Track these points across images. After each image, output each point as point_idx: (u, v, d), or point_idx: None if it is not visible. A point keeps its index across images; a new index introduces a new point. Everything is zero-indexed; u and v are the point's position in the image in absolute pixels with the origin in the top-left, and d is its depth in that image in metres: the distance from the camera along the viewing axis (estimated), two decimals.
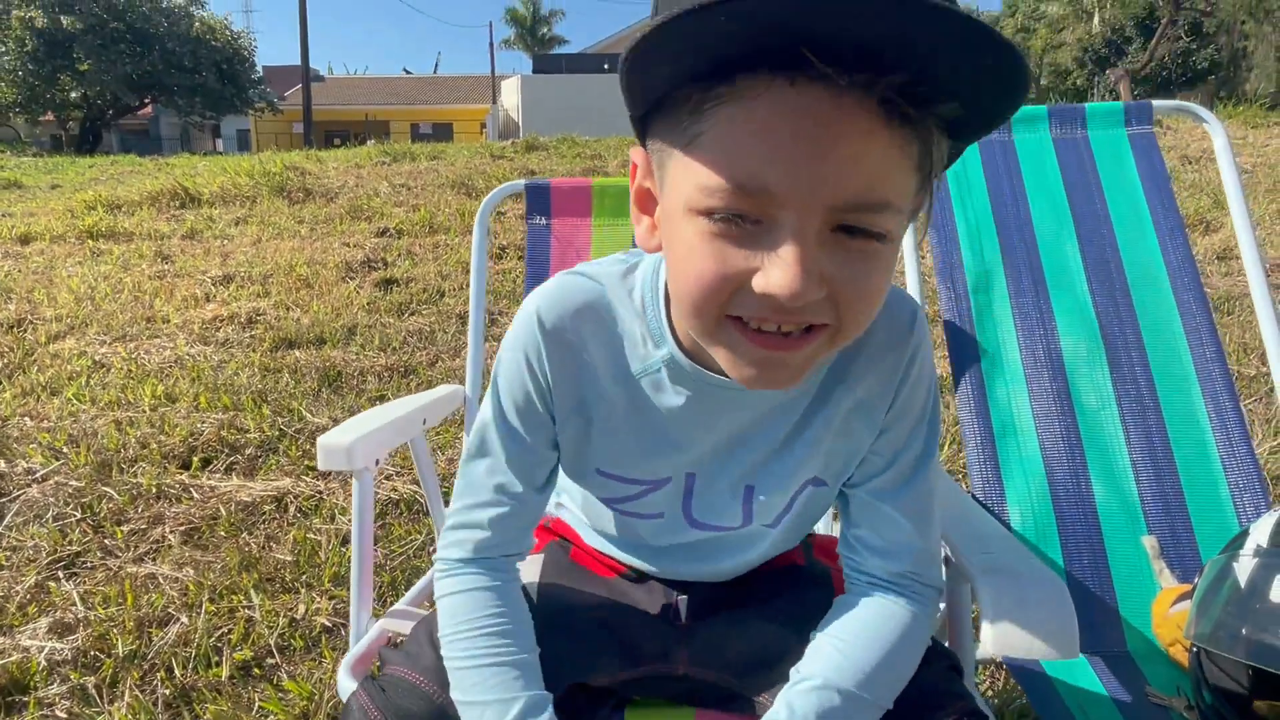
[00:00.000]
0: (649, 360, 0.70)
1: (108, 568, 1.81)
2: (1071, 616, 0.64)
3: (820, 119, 0.49)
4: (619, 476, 0.75)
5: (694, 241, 0.54)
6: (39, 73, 22.43)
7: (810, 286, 0.51)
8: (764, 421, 0.71)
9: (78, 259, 5.36)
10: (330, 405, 2.76)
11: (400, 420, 1.10)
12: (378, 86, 37.66)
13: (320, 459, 0.96)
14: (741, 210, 0.52)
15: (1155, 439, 1.18)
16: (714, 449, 0.72)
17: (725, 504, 0.74)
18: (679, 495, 0.75)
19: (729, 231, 0.53)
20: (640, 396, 0.71)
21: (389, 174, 8.24)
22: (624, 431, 0.72)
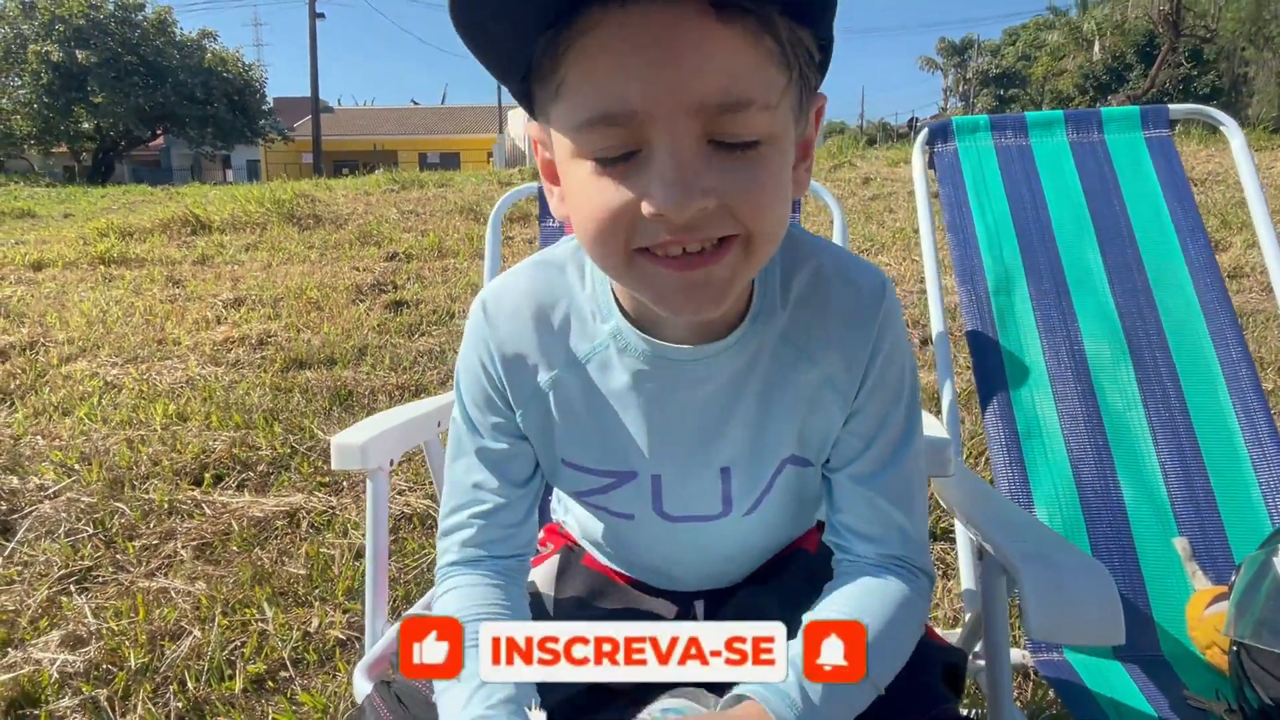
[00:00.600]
0: (597, 338, 0.69)
1: (119, 582, 1.79)
2: (1116, 601, 0.63)
3: (660, 30, 0.50)
4: (585, 467, 0.73)
5: (584, 184, 0.55)
6: (54, 105, 22.81)
7: (691, 196, 0.51)
8: (723, 397, 0.68)
9: (90, 284, 5.40)
10: (342, 423, 2.76)
11: (414, 421, 1.09)
12: (386, 117, 38.15)
13: (334, 458, 0.95)
14: (616, 142, 0.52)
15: (1183, 440, 1.17)
16: (679, 437, 0.70)
17: (701, 491, 0.72)
18: (646, 493, 0.73)
19: (612, 168, 0.53)
20: (592, 376, 0.69)
21: (398, 201, 8.32)
22: (583, 415, 0.71)
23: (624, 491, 0.73)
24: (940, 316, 1.33)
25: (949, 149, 1.42)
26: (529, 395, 0.71)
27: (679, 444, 0.70)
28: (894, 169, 8.65)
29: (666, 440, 0.70)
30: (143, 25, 24.20)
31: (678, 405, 0.69)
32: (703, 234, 0.53)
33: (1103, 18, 29.22)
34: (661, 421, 0.69)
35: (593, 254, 0.58)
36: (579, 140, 0.54)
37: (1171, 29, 19.53)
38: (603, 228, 0.55)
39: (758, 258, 0.57)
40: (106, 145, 25.30)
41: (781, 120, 0.55)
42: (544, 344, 0.70)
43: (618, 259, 0.56)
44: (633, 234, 0.54)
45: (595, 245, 0.56)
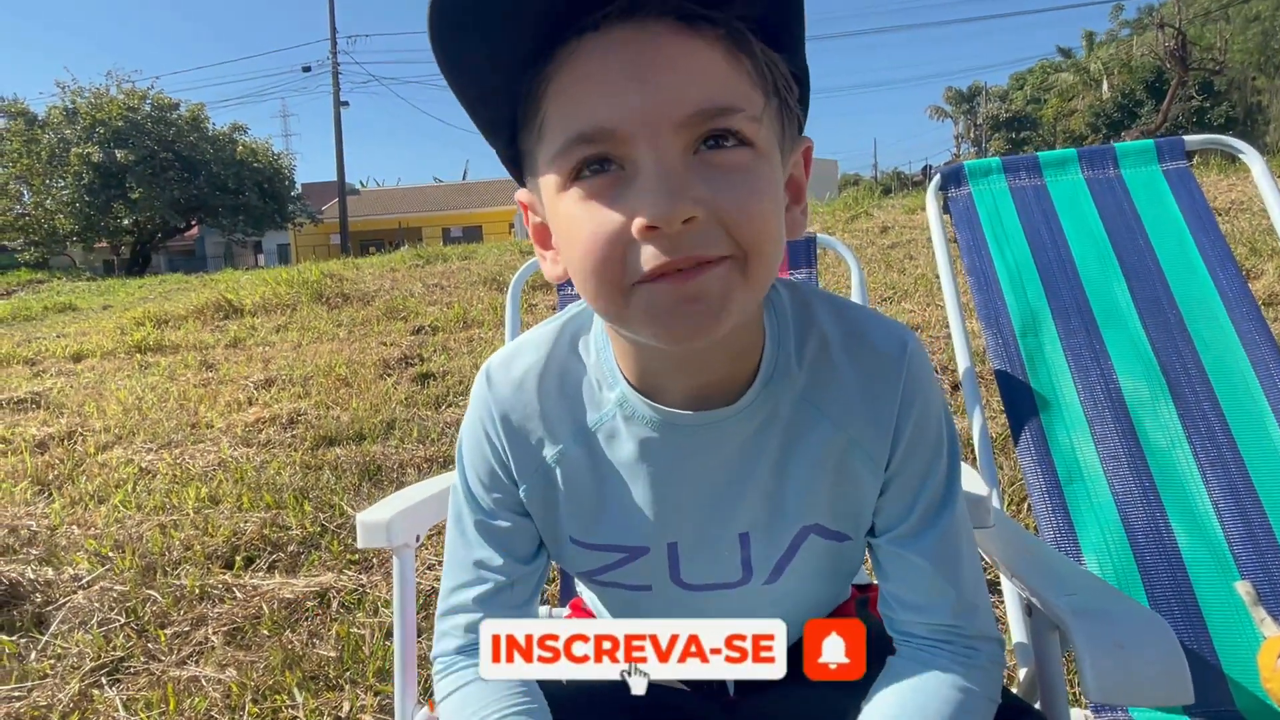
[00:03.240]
0: (604, 407, 0.66)
1: (150, 672, 1.77)
2: (1180, 656, 0.58)
3: (636, 50, 0.50)
4: (594, 544, 0.69)
5: (572, 215, 0.54)
6: (94, 203, 23.78)
7: (680, 202, 0.49)
8: (736, 464, 0.65)
9: (126, 372, 5.52)
10: (371, 499, 2.75)
11: (440, 495, 1.07)
12: (410, 196, 39.26)
13: (360, 536, 0.94)
14: (596, 155, 0.52)
15: (1235, 477, 1.12)
16: (694, 506, 0.67)
17: (719, 557, 0.68)
18: (663, 564, 0.69)
19: (596, 188, 0.52)
20: (600, 447, 0.67)
21: (423, 275, 8.48)
22: (591, 490, 0.67)
23: (637, 565, 0.70)
24: (968, 361, 1.30)
25: (963, 193, 1.41)
26: (533, 470, 0.68)
27: (693, 512, 0.67)
28: (911, 216, 8.67)
29: (680, 510, 0.67)
30: (177, 123, 25.32)
31: (689, 473, 0.66)
32: (696, 251, 0.51)
33: (1109, 57, 29.51)
34: (673, 491, 0.66)
35: (590, 292, 0.55)
36: (561, 164, 0.53)
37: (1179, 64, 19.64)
38: (597, 256, 0.52)
39: (754, 280, 0.54)
40: (144, 238, 26.24)
41: (765, 138, 0.54)
42: (549, 415, 0.67)
43: (616, 291, 0.53)
44: (627, 262, 0.52)
45: (592, 279, 0.54)
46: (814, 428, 0.65)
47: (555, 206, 0.56)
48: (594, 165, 0.52)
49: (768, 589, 0.69)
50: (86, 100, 24.39)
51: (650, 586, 0.71)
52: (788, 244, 0.84)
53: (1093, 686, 0.58)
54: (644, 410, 0.64)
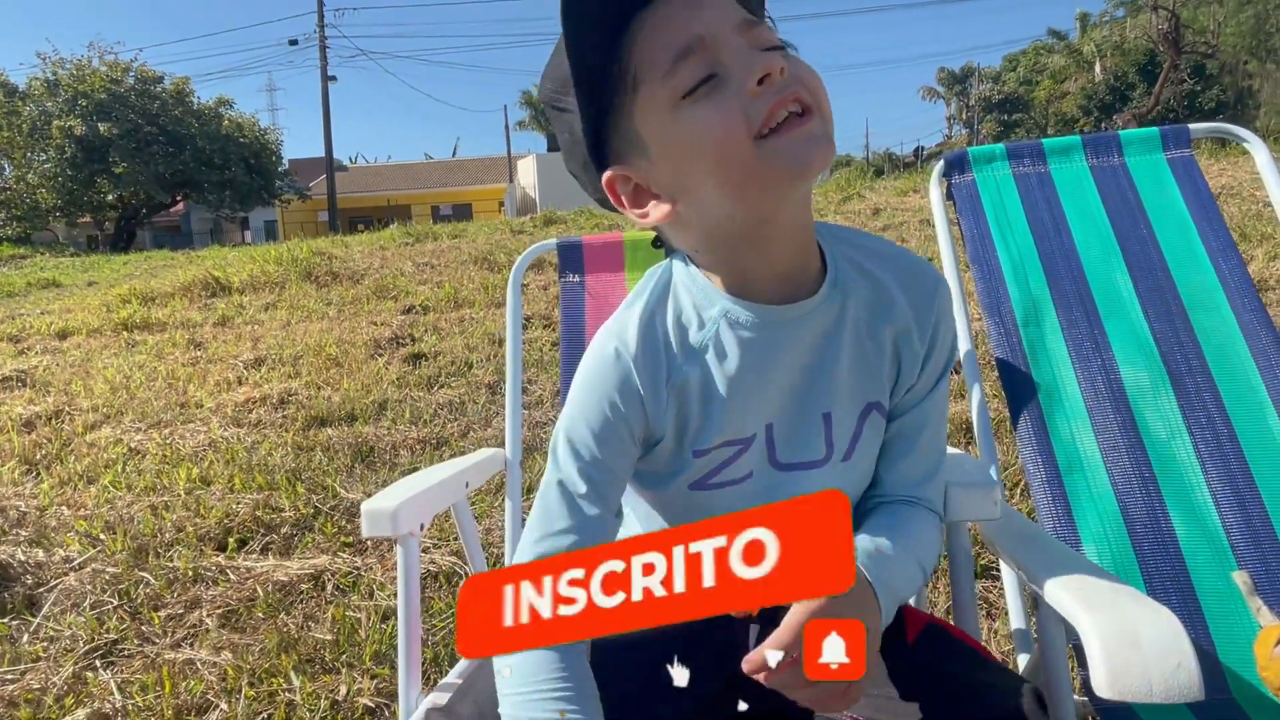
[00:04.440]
0: (708, 324, 0.77)
1: (145, 655, 1.77)
2: (1191, 654, 0.59)
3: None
4: (713, 445, 0.78)
5: (691, 115, 0.66)
6: (77, 178, 23.42)
7: (775, 59, 0.65)
8: (821, 347, 0.77)
9: (113, 350, 5.47)
10: (364, 480, 2.74)
11: (444, 484, 1.07)
12: (399, 173, 38.88)
13: (365, 525, 0.93)
14: (702, 70, 0.66)
15: (1234, 467, 1.12)
16: (787, 388, 0.77)
17: (809, 437, 0.78)
18: (764, 448, 0.79)
19: (706, 91, 0.66)
20: (710, 361, 0.77)
21: (413, 254, 8.42)
22: (709, 395, 0.77)
23: (745, 456, 0.79)
24: (969, 345, 1.30)
25: (966, 180, 1.40)
26: (666, 397, 0.77)
27: (787, 396, 0.78)
28: (903, 198, 8.66)
29: (777, 395, 0.77)
30: (162, 96, 24.92)
31: (785, 360, 0.76)
32: (796, 89, 0.65)
33: (1102, 39, 29.43)
34: (771, 378, 0.77)
35: (727, 166, 0.66)
36: (670, 85, 0.66)
37: (1172, 47, 19.63)
38: (728, 119, 0.65)
39: (830, 126, 0.68)
40: (129, 213, 25.91)
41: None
42: (672, 348, 0.77)
43: (749, 152, 0.65)
44: (751, 117, 0.65)
45: (727, 139, 0.65)
46: (878, 317, 0.78)
47: (669, 125, 0.68)
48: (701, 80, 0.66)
49: (844, 467, 0.79)
50: (68, 72, 23.94)
51: (752, 474, 0.79)
52: None
53: (1104, 683, 0.58)
54: (743, 313, 0.75)
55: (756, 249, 0.74)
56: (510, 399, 1.40)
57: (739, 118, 0.65)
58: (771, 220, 0.72)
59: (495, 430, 3.20)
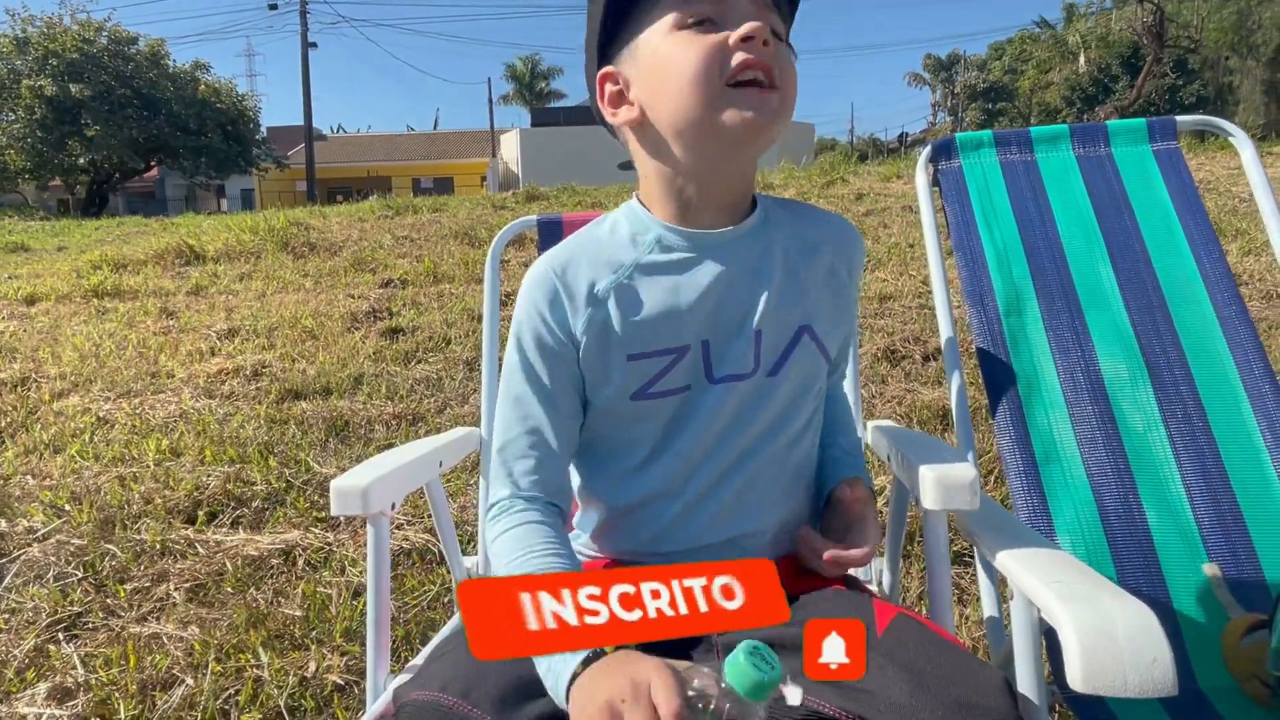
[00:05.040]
0: (642, 247, 0.86)
1: (110, 628, 1.74)
2: (1166, 648, 0.58)
3: None
4: (647, 352, 0.83)
5: (680, 43, 0.78)
6: (47, 139, 22.86)
7: (765, 27, 0.76)
8: (752, 270, 0.85)
9: (83, 318, 5.36)
10: (338, 455, 2.71)
11: (416, 462, 1.05)
12: (379, 144, 38.31)
13: (334, 503, 0.91)
14: (707, 14, 0.78)
15: (1208, 461, 1.13)
16: (719, 306, 0.84)
17: (740, 352, 0.84)
18: (700, 362, 0.84)
19: (703, 29, 0.78)
20: (644, 273, 0.84)
21: (392, 227, 8.30)
22: (640, 307, 0.83)
23: (681, 366, 0.84)
24: (950, 332, 1.30)
25: (953, 166, 1.39)
26: (589, 308, 0.83)
27: (720, 313, 0.84)
28: (886, 184, 8.66)
29: (711, 312, 0.83)
30: (136, 58, 24.32)
31: (717, 281, 0.84)
32: (770, 64, 0.77)
33: (1087, 30, 29.53)
34: (705, 297, 0.83)
35: (689, 95, 0.77)
36: (679, 15, 0.78)
37: (1156, 40, 19.72)
38: (706, 56, 0.76)
39: (786, 114, 0.79)
40: (101, 178, 25.34)
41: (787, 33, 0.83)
42: (601, 267, 0.85)
43: (715, 90, 0.76)
44: (724, 64, 0.76)
45: (699, 74, 0.76)
46: (806, 250, 0.88)
47: (661, 46, 0.79)
48: (701, 21, 0.78)
49: (770, 382, 0.85)
50: (39, 30, 23.27)
51: (689, 386, 0.85)
52: None
53: (1079, 677, 0.58)
54: (676, 239, 0.85)
55: (696, 180, 0.83)
56: (486, 378, 1.38)
57: (716, 59, 0.76)
58: (713, 158, 0.81)
59: (473, 407, 3.17)
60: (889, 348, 3.52)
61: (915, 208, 7.26)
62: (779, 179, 9.71)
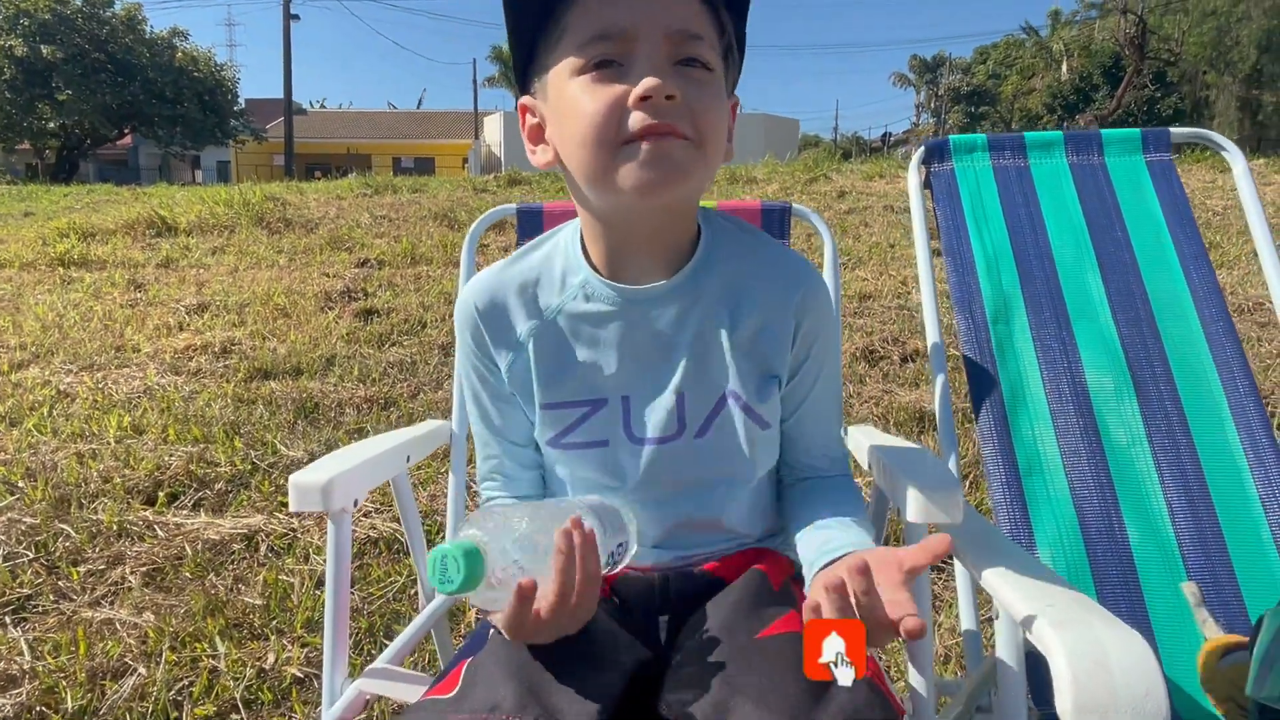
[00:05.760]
0: (569, 290, 0.82)
1: (61, 612, 1.68)
2: (1159, 679, 0.56)
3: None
4: (562, 403, 0.82)
5: (579, 92, 0.70)
6: (16, 101, 22.25)
7: (667, 83, 0.67)
8: (674, 330, 0.80)
9: (47, 286, 5.22)
10: (306, 438, 2.65)
11: (383, 456, 1.00)
12: (361, 120, 37.75)
13: (293, 499, 0.86)
14: (609, 55, 0.69)
15: (1190, 478, 1.12)
16: (639, 363, 0.81)
17: (662, 412, 0.81)
18: (619, 416, 0.82)
19: (603, 75, 0.69)
20: (564, 323, 0.82)
21: (370, 205, 8.17)
22: (559, 356, 0.82)
23: (599, 417, 0.82)
24: (937, 337, 1.27)
25: (946, 168, 1.37)
26: (514, 352, 0.82)
27: (642, 371, 0.81)
28: (869, 183, 8.68)
29: (632, 369, 0.81)
30: (111, 22, 23.71)
31: (638, 338, 0.80)
32: (672, 121, 0.68)
33: (1071, 38, 29.80)
34: (627, 353, 0.80)
35: (586, 151, 0.70)
36: (579, 57, 0.69)
37: (1137, 52, 19.96)
38: (600, 116, 0.68)
39: (707, 162, 0.71)
40: (72, 143, 24.74)
41: (718, 71, 0.73)
42: (523, 306, 0.82)
43: (608, 147, 0.69)
44: (620, 125, 0.68)
45: (592, 136, 0.69)
46: (732, 310, 0.81)
47: (564, 89, 0.71)
48: (602, 63, 0.69)
49: (698, 443, 0.81)
50: None
51: (607, 441, 0.82)
52: (762, 213, 1.26)
53: (1070, 706, 0.56)
54: (602, 289, 0.80)
55: (619, 230, 0.79)
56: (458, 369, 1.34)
57: (611, 116, 0.68)
58: (626, 214, 0.76)
59: (446, 393, 3.11)
60: (868, 348, 3.51)
61: (897, 207, 7.27)
62: (762, 173, 9.70)
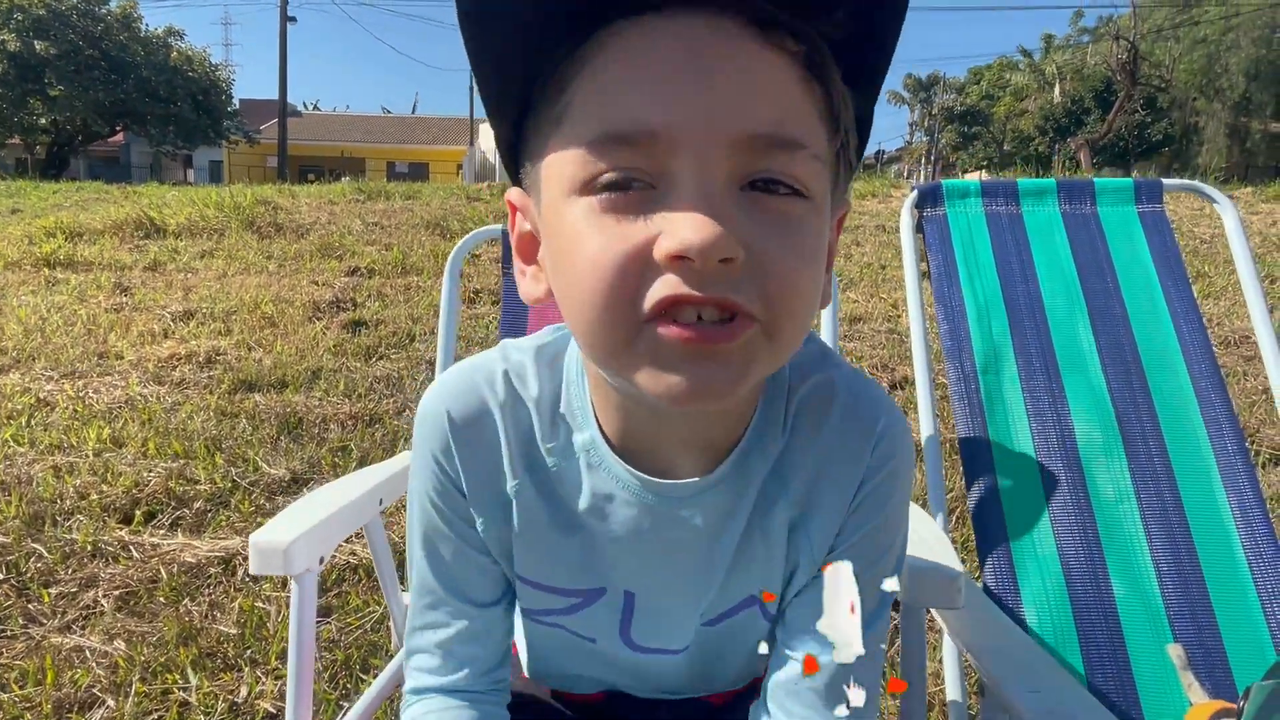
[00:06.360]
0: (568, 447, 0.60)
1: (30, 637, 1.64)
2: None
3: (698, 42, 0.42)
4: (547, 586, 0.64)
5: (582, 225, 0.44)
6: (7, 96, 22.10)
7: (724, 235, 0.41)
8: (704, 539, 0.60)
9: (31, 288, 5.16)
10: (288, 455, 2.61)
11: (352, 506, 0.94)
12: (355, 124, 37.69)
13: (253, 562, 0.81)
14: (629, 167, 0.43)
15: (1178, 537, 1.11)
16: (656, 561, 0.61)
17: (671, 625, 0.64)
18: (615, 616, 0.64)
19: (619, 202, 0.43)
20: (558, 487, 0.60)
21: (363, 212, 8.13)
22: (547, 529, 0.61)
23: (592, 611, 0.64)
24: (927, 386, 1.27)
25: (938, 213, 1.36)
26: (490, 505, 0.61)
27: (655, 567, 0.62)
28: (861, 201, 8.71)
29: (643, 561, 0.61)
30: (106, 19, 23.61)
31: (652, 540, 0.60)
32: (725, 296, 0.42)
33: (1064, 62, 30.10)
34: (639, 544, 0.60)
35: (587, 325, 0.46)
36: (577, 168, 0.44)
37: (1129, 77, 20.16)
38: (606, 280, 0.43)
39: (780, 350, 0.47)
40: (63, 139, 24.58)
41: (821, 188, 0.46)
42: (518, 443, 0.60)
43: (620, 330, 0.44)
44: (640, 294, 0.43)
45: (594, 308, 0.44)
46: (775, 504, 0.60)
47: (558, 211, 0.46)
48: (619, 184, 0.43)
49: (704, 631, 0.65)
50: None
51: (595, 640, 0.66)
52: None
53: None
54: (615, 470, 0.58)
55: (637, 414, 0.56)
56: None
57: (627, 276, 0.43)
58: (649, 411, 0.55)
59: None
60: None
61: (889, 227, 7.29)
62: None
